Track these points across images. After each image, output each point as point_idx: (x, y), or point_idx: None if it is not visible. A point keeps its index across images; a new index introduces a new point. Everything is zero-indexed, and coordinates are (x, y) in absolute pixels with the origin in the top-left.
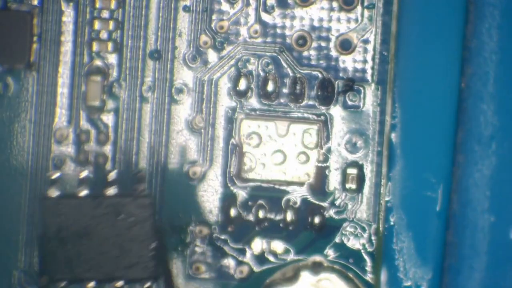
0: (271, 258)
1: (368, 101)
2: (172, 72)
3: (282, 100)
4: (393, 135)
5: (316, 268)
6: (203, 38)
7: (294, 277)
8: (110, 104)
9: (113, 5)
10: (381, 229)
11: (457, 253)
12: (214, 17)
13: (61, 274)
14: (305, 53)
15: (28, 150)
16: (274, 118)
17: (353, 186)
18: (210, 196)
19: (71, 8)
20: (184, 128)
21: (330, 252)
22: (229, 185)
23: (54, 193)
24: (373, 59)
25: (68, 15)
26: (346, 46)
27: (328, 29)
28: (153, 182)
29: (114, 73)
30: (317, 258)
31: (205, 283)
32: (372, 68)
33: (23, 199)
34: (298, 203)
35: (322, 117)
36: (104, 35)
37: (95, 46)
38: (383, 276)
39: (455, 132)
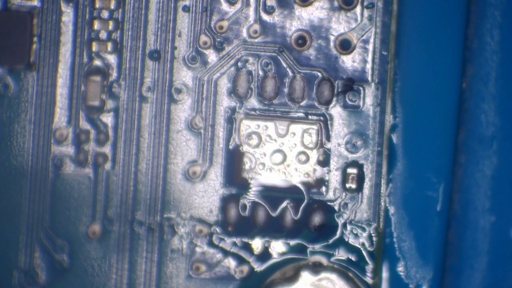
0: (271, 258)
1: (368, 101)
2: (172, 72)
3: (281, 100)
4: (394, 135)
5: (316, 267)
6: (203, 38)
7: (294, 276)
8: (110, 104)
9: (112, 5)
10: (381, 228)
11: (458, 253)
12: (213, 17)
13: None
14: (305, 53)
15: (28, 150)
16: (274, 118)
17: (353, 186)
18: (210, 196)
19: (70, 8)
20: (183, 128)
21: (330, 252)
22: (228, 185)
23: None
24: (373, 59)
25: (67, 16)
26: (346, 46)
27: (328, 29)
28: (153, 182)
29: (113, 73)
30: (317, 257)
31: (205, 283)
32: (372, 68)
33: (23, 199)
34: (298, 203)
35: (322, 117)
36: (103, 35)
37: (94, 46)
38: (384, 276)
39: (456, 132)
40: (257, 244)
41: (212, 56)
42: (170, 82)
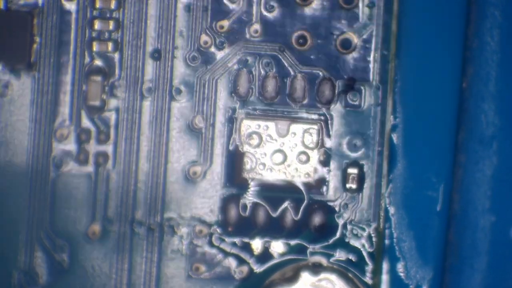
0: (271, 258)
1: (369, 100)
2: (173, 71)
3: (282, 100)
4: (394, 135)
5: (316, 268)
6: (204, 37)
7: (294, 277)
8: (111, 104)
9: (113, 5)
10: (381, 229)
11: (458, 253)
12: (214, 16)
13: None
14: (306, 53)
15: (29, 149)
16: (275, 117)
17: (354, 186)
18: (210, 196)
19: (71, 8)
20: (184, 128)
21: (330, 252)
22: (229, 185)
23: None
24: (373, 58)
25: (68, 15)
26: (346, 45)
27: (329, 28)
28: (154, 181)
29: (114, 73)
30: (317, 258)
31: (205, 284)
32: (373, 67)
33: (23, 198)
34: (298, 203)
35: (323, 117)
36: (104, 35)
37: (95, 46)
38: (384, 276)
39: (456, 132)
40: (257, 244)
41: (213, 56)
42: (171, 82)
